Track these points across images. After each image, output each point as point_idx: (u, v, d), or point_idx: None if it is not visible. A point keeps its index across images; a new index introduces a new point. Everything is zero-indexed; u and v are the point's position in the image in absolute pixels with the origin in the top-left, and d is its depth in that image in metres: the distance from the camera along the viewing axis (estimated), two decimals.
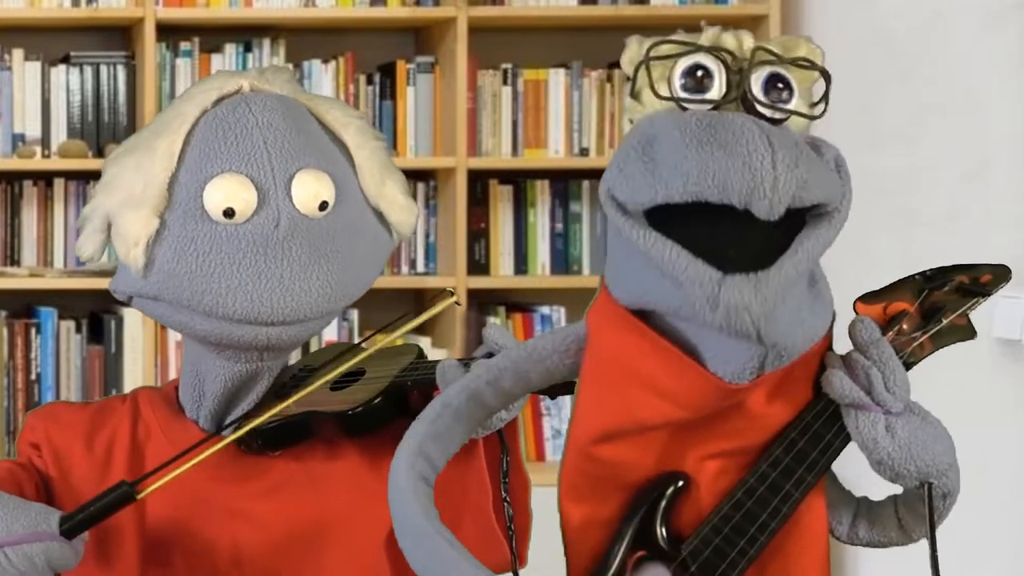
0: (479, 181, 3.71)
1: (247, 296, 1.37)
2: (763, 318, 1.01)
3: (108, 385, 3.60)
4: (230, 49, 3.64)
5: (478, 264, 3.70)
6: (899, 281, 1.23)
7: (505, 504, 1.41)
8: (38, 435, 1.52)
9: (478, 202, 3.71)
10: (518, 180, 3.75)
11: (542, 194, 3.74)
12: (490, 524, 1.50)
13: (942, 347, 1.22)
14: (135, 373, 3.58)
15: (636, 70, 1.09)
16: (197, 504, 1.45)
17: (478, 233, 3.71)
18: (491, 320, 3.69)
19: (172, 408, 1.52)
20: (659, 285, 1.05)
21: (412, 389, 1.45)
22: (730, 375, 1.07)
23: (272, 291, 1.37)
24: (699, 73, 1.07)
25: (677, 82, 1.08)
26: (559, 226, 3.74)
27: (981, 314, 1.24)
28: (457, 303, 1.52)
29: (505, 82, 3.70)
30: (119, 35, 3.76)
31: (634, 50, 1.11)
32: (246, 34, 3.67)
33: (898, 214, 3.22)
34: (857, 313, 1.20)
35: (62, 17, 3.59)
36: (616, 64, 3.75)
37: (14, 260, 3.69)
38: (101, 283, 3.60)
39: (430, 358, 1.52)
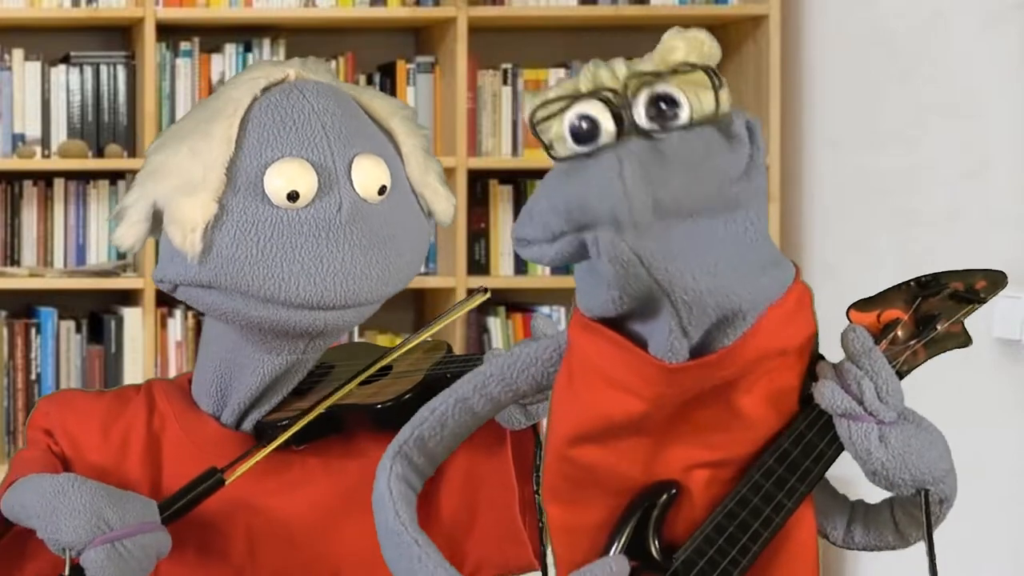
0: (479, 181, 3.71)
1: (310, 280, 1.37)
2: (641, 247, 1.03)
3: (108, 385, 3.60)
4: (230, 49, 3.64)
5: (478, 264, 3.70)
6: (892, 288, 1.22)
7: (536, 496, 1.41)
8: (52, 421, 1.51)
9: (478, 202, 3.71)
10: (518, 180, 3.75)
11: None
12: (513, 522, 1.50)
13: (937, 354, 1.22)
14: (135, 373, 3.58)
15: (533, 130, 1.11)
16: (213, 497, 1.45)
17: (478, 233, 3.71)
18: (492, 320, 3.70)
19: (187, 400, 1.52)
20: (599, 288, 1.08)
21: (451, 381, 1.46)
22: (663, 352, 1.08)
23: (335, 275, 1.37)
24: (584, 125, 1.07)
25: (568, 138, 1.08)
26: None
27: (981, 314, 1.24)
28: (489, 297, 1.56)
29: (505, 82, 3.70)
30: (119, 35, 3.76)
31: (530, 105, 1.12)
32: (246, 34, 3.67)
33: (898, 214, 3.22)
34: (851, 321, 1.19)
35: (62, 17, 3.59)
36: None
37: (14, 260, 3.69)
38: (101, 283, 3.61)
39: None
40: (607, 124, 1.07)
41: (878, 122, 3.33)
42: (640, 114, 1.07)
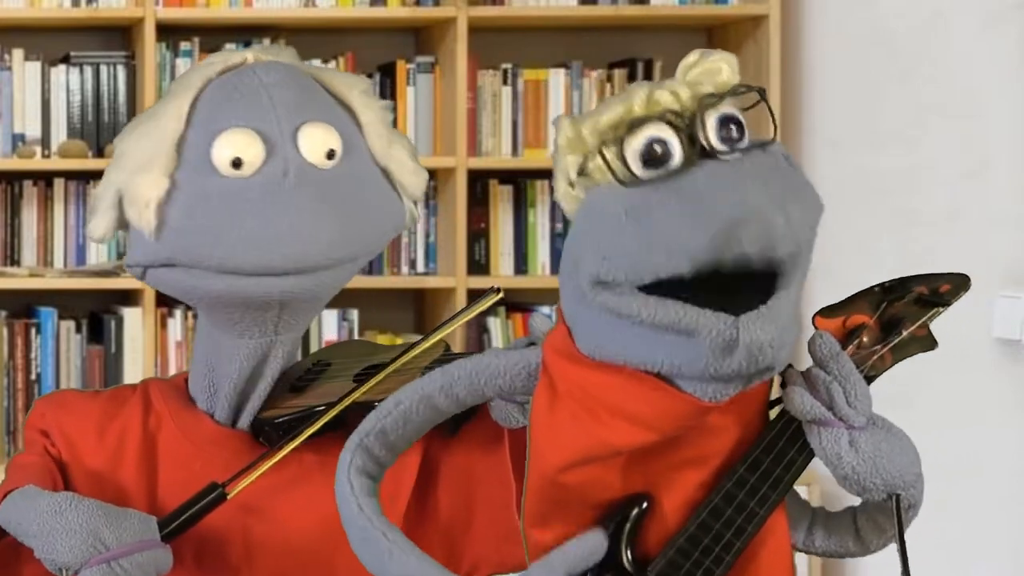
0: (479, 181, 3.71)
1: (257, 245, 1.37)
2: (779, 346, 1.02)
3: (108, 385, 3.60)
4: (230, 49, 3.63)
5: (478, 264, 3.70)
6: (858, 293, 1.22)
7: None
8: (48, 422, 1.51)
9: (478, 202, 3.71)
10: (518, 180, 3.75)
11: (542, 194, 3.74)
12: (511, 521, 1.49)
13: (903, 359, 1.21)
14: (135, 373, 3.58)
15: (586, 159, 1.06)
16: None
17: (478, 233, 3.71)
18: (492, 320, 3.70)
19: (183, 399, 1.52)
20: (654, 351, 1.05)
21: None
22: (711, 396, 1.07)
23: (282, 238, 1.36)
24: (658, 149, 1.04)
25: (636, 161, 1.04)
26: (559, 226, 3.74)
27: (981, 314, 1.24)
28: (503, 299, 1.53)
29: (505, 82, 3.70)
30: (119, 35, 3.76)
31: (569, 131, 1.07)
32: (246, 34, 3.67)
33: (898, 214, 3.22)
34: (816, 328, 1.19)
35: (62, 17, 3.59)
36: (616, 64, 3.75)
37: (14, 260, 3.69)
38: (101, 283, 3.61)
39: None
40: (678, 148, 1.04)
41: (878, 122, 3.33)
42: (715, 139, 1.05)
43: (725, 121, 1.06)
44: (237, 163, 1.38)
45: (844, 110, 3.47)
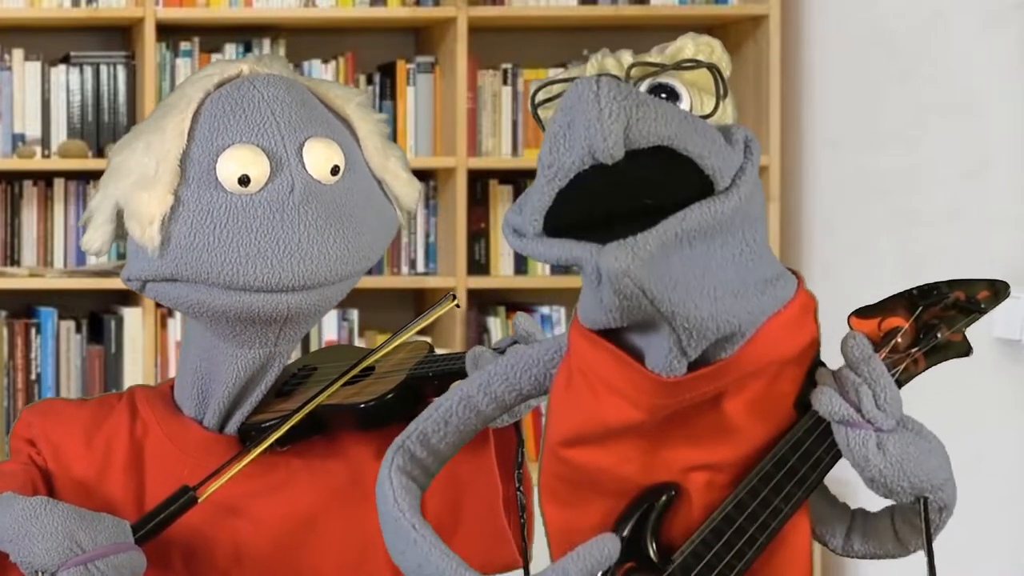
0: (479, 181, 3.71)
1: (266, 262, 1.37)
2: (646, 279, 1.01)
3: (108, 385, 3.60)
4: (230, 49, 3.64)
5: (478, 264, 3.70)
6: (894, 296, 1.22)
7: (518, 493, 1.42)
8: (34, 431, 1.52)
9: (478, 202, 3.71)
10: (518, 180, 3.75)
11: None
12: (498, 521, 1.50)
13: (937, 363, 1.21)
14: (135, 373, 3.58)
15: (534, 113, 1.11)
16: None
17: (478, 233, 3.71)
18: (492, 320, 3.70)
19: (169, 406, 1.53)
20: (592, 308, 1.07)
21: (433, 380, 1.47)
22: (660, 368, 1.07)
23: (291, 255, 1.37)
24: None
25: None
26: None
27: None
28: (457, 305, 1.54)
29: (505, 82, 3.70)
30: (119, 35, 3.77)
31: (535, 93, 1.12)
32: (246, 34, 3.67)
33: (898, 214, 3.22)
34: (851, 328, 1.19)
35: (62, 17, 3.60)
36: None
37: (14, 260, 3.69)
38: (101, 283, 3.61)
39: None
40: None
41: (878, 122, 3.33)
42: None
43: (656, 89, 1.06)
44: (244, 180, 1.39)
45: (844, 110, 3.47)
